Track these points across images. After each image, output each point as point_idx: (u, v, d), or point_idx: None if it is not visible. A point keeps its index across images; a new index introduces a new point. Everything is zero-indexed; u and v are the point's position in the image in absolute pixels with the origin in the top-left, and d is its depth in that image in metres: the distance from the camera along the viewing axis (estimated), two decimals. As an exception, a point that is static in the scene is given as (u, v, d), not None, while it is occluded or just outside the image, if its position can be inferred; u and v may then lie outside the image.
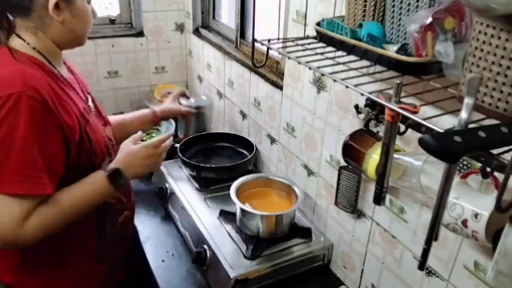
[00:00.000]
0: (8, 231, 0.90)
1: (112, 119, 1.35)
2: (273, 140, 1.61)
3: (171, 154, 1.81)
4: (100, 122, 1.15)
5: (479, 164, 0.76)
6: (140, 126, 1.40)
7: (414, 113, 0.69)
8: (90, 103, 1.15)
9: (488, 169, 0.74)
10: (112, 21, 2.18)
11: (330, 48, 0.94)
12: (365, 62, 0.87)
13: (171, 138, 1.22)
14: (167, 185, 1.59)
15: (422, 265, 0.67)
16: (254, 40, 1.04)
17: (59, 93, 0.98)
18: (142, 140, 1.89)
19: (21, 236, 0.91)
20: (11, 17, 0.98)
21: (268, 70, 1.59)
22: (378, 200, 0.89)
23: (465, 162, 0.87)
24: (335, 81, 0.83)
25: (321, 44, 0.97)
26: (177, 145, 1.68)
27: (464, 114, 0.60)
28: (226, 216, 1.38)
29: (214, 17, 2.15)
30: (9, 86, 0.88)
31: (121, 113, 2.26)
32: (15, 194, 0.90)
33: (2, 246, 0.97)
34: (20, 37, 0.99)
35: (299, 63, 0.92)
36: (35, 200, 0.92)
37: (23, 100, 0.87)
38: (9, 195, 0.89)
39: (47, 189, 0.93)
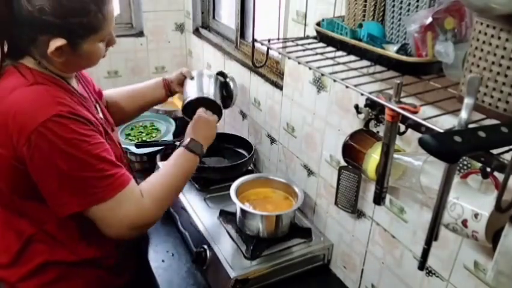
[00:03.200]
0: (143, 212, 0.98)
1: (121, 90, 1.38)
2: (273, 140, 1.61)
3: (171, 154, 1.81)
4: (108, 128, 1.13)
5: (479, 164, 0.76)
6: (152, 98, 1.41)
7: (414, 113, 0.69)
8: (101, 114, 1.13)
9: (488, 169, 0.74)
10: (112, 21, 2.18)
11: (330, 48, 0.94)
12: (365, 62, 0.87)
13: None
14: (167, 185, 1.59)
15: (422, 265, 0.67)
16: (254, 40, 1.04)
17: (80, 107, 0.96)
18: (142, 141, 1.90)
19: (147, 217, 0.99)
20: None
21: (268, 70, 1.59)
22: (378, 200, 0.89)
23: (465, 162, 0.87)
24: (335, 81, 0.83)
25: (321, 44, 0.97)
26: (178, 143, 1.68)
27: (464, 114, 0.60)
28: (226, 216, 1.38)
29: (214, 17, 2.15)
30: (43, 109, 0.87)
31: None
32: (112, 197, 0.93)
33: (135, 232, 1.01)
34: (32, 56, 0.95)
35: (299, 63, 0.92)
36: (136, 185, 0.99)
37: (63, 117, 0.88)
38: (125, 188, 0.94)
39: (127, 179, 0.97)
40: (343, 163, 1.14)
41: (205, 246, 1.29)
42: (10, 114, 0.87)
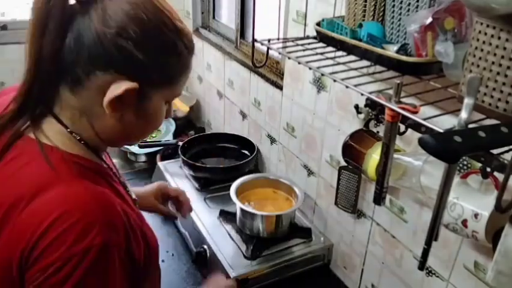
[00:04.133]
0: None
1: None
2: (273, 140, 1.61)
3: (171, 154, 1.82)
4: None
5: (479, 164, 0.76)
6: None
7: (414, 113, 0.69)
8: (132, 192, 0.83)
9: (488, 169, 0.74)
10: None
11: (330, 48, 0.94)
12: (365, 62, 0.87)
13: None
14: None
15: (422, 265, 0.67)
16: (254, 40, 1.04)
17: (125, 208, 0.65)
18: (143, 141, 1.90)
19: None
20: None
21: (268, 70, 1.59)
22: (378, 200, 0.89)
23: (465, 162, 0.87)
24: (335, 81, 0.83)
25: (321, 44, 0.97)
26: (180, 143, 1.68)
27: (464, 114, 0.60)
28: (226, 216, 1.38)
29: (214, 17, 2.15)
30: (85, 232, 0.57)
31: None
32: None
33: None
34: (58, 119, 0.66)
35: (299, 63, 0.92)
36: None
37: (108, 252, 0.59)
38: None
39: None
40: (343, 163, 1.14)
41: (205, 246, 1.29)
42: (51, 214, 0.57)
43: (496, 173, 0.75)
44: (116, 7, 0.61)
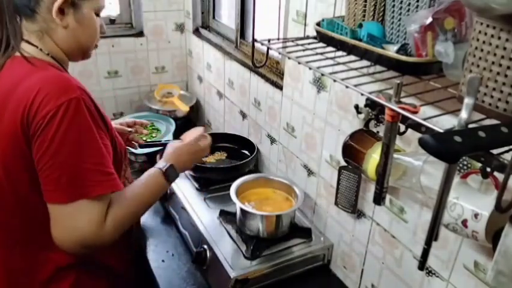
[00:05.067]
0: (90, 236, 0.87)
1: None
2: (273, 140, 1.61)
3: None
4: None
5: (479, 164, 0.75)
6: None
7: (414, 113, 0.69)
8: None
9: (488, 169, 0.74)
10: (112, 21, 2.18)
11: (330, 48, 0.94)
12: (365, 62, 0.87)
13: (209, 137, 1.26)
14: (167, 185, 1.59)
15: (422, 265, 0.67)
16: (254, 40, 1.04)
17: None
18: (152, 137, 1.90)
19: (101, 239, 0.89)
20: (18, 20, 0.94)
21: (268, 70, 1.59)
22: (378, 200, 0.89)
23: (465, 162, 0.87)
24: (335, 81, 0.83)
25: (321, 44, 0.97)
26: None
27: (464, 114, 0.60)
28: (226, 216, 1.38)
29: (214, 17, 2.15)
30: (64, 90, 0.86)
31: (121, 114, 2.27)
32: (97, 195, 0.87)
33: (83, 250, 0.90)
34: (29, 42, 0.95)
35: (299, 63, 0.92)
36: (108, 199, 0.91)
37: (82, 103, 0.86)
38: (89, 199, 0.87)
39: (119, 184, 0.93)
40: (343, 163, 1.14)
41: (205, 246, 1.29)
42: (32, 92, 0.85)
43: (496, 173, 0.75)
44: None
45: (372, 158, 0.98)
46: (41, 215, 0.90)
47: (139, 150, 1.80)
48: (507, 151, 0.65)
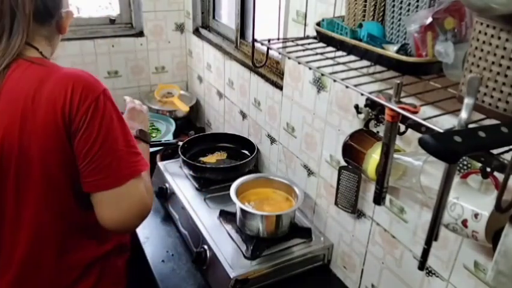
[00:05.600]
0: (146, 207, 0.96)
1: None
2: (273, 140, 1.61)
3: (171, 154, 1.82)
4: None
5: (479, 164, 0.76)
6: None
7: (414, 113, 0.69)
8: None
9: (488, 169, 0.74)
10: (112, 21, 2.18)
11: (330, 48, 0.94)
12: (365, 62, 0.87)
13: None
14: (167, 185, 1.59)
15: (422, 265, 0.67)
16: (254, 40, 1.04)
17: None
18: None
19: (150, 207, 0.98)
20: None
21: (268, 70, 1.59)
22: (378, 200, 0.89)
23: (465, 162, 0.87)
24: (335, 81, 0.83)
25: (321, 44, 0.97)
26: (180, 143, 1.68)
27: (464, 114, 0.60)
28: (226, 216, 1.38)
29: (214, 17, 2.15)
30: (95, 84, 0.90)
31: (121, 113, 2.27)
32: (141, 172, 0.95)
33: (138, 223, 0.98)
34: (32, 46, 0.94)
35: (299, 63, 0.92)
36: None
37: (108, 95, 0.91)
38: (136, 177, 0.94)
39: (148, 163, 1.01)
40: (343, 163, 1.14)
41: (205, 246, 1.29)
42: (66, 89, 0.87)
43: (496, 173, 0.75)
44: None
45: (372, 158, 0.98)
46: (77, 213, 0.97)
47: (139, 150, 1.80)
48: (507, 151, 0.65)
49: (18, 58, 0.92)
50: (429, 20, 0.73)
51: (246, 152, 1.72)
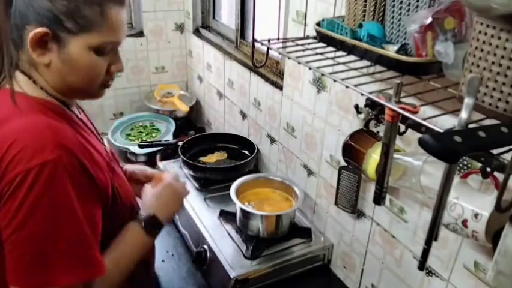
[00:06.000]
0: None
1: None
2: (273, 140, 1.61)
3: (171, 154, 1.82)
4: (117, 166, 0.93)
5: (479, 164, 0.76)
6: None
7: (414, 113, 0.69)
8: (106, 143, 0.95)
9: (488, 169, 0.74)
10: (112, 21, 2.18)
11: (330, 48, 0.94)
12: (365, 62, 0.87)
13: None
14: (167, 185, 1.59)
15: (422, 265, 0.67)
16: (254, 40, 1.04)
17: (86, 145, 0.78)
18: (143, 141, 1.90)
19: None
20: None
21: (268, 70, 1.59)
22: (378, 200, 0.89)
23: (465, 162, 0.87)
24: (335, 81, 0.83)
25: (321, 44, 0.97)
26: (180, 143, 1.68)
27: (464, 114, 0.60)
28: (226, 216, 1.38)
29: (214, 17, 2.15)
30: (39, 150, 0.69)
31: (121, 113, 2.27)
32: (66, 284, 0.71)
33: None
34: (23, 72, 0.79)
35: (299, 63, 0.92)
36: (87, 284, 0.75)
37: (60, 168, 0.70)
38: (61, 286, 0.71)
39: (102, 268, 0.76)
40: (343, 163, 1.14)
41: (205, 246, 1.29)
42: (4, 144, 0.70)
43: (496, 173, 0.75)
44: None
45: (372, 158, 0.98)
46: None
47: (142, 150, 1.81)
48: (507, 151, 0.65)
49: (5, 86, 0.78)
50: (429, 20, 0.73)
51: (246, 152, 1.72)
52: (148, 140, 1.94)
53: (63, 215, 0.71)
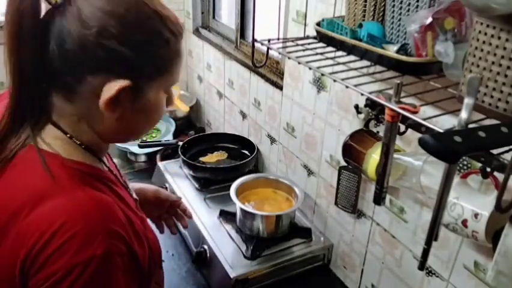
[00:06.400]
0: None
1: None
2: (273, 140, 1.61)
3: (171, 154, 1.82)
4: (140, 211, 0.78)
5: (479, 164, 0.76)
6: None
7: (414, 113, 0.69)
8: (133, 193, 0.81)
9: (488, 169, 0.74)
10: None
11: (330, 48, 0.94)
12: (365, 62, 0.87)
13: None
14: (167, 185, 1.59)
15: (422, 265, 0.67)
16: (254, 40, 1.04)
17: (128, 213, 0.66)
18: (143, 141, 1.89)
19: None
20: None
21: (268, 70, 1.59)
22: (378, 200, 0.89)
23: (465, 162, 0.87)
24: (335, 81, 0.83)
25: (321, 44, 0.97)
26: (180, 143, 1.68)
27: (464, 114, 0.60)
28: (226, 216, 1.38)
29: (214, 17, 2.15)
30: (88, 242, 0.57)
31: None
32: None
33: None
34: (58, 126, 0.65)
35: (299, 63, 0.92)
36: None
37: (110, 261, 0.58)
38: None
39: None
40: (343, 163, 1.14)
41: (205, 246, 1.29)
42: (46, 229, 0.57)
43: (496, 173, 0.75)
44: (91, 5, 0.58)
45: (372, 158, 0.98)
46: None
47: (139, 150, 1.81)
48: (507, 151, 0.65)
49: (31, 143, 0.63)
50: (429, 20, 0.73)
51: (246, 152, 1.72)
52: (148, 140, 1.94)
53: None
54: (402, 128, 0.92)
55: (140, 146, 1.75)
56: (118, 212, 0.63)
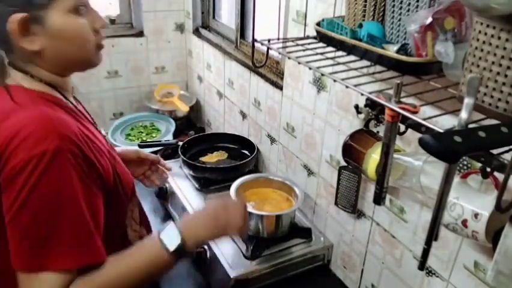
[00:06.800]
0: None
1: None
2: (273, 140, 1.61)
3: (171, 154, 1.82)
4: (116, 155, 0.93)
5: (479, 164, 0.76)
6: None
7: (414, 113, 0.69)
8: (104, 133, 0.96)
9: (488, 169, 0.74)
10: (112, 21, 2.18)
11: (330, 48, 0.94)
12: (365, 62, 0.87)
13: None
14: (167, 185, 1.59)
15: (422, 265, 0.67)
16: (254, 40, 1.04)
17: (86, 133, 0.80)
18: (143, 141, 1.89)
19: None
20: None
21: (268, 70, 1.59)
22: (378, 200, 0.89)
23: (465, 162, 0.87)
24: (335, 81, 0.83)
25: (321, 44, 0.97)
26: (180, 143, 1.68)
27: (464, 114, 0.60)
28: (226, 216, 1.38)
29: (214, 17, 2.15)
30: (41, 139, 0.70)
31: (121, 114, 2.27)
32: (62, 269, 0.72)
33: None
34: (21, 70, 0.81)
35: (299, 63, 0.92)
36: (75, 275, 0.74)
37: (61, 156, 0.71)
38: (52, 272, 0.71)
39: (101, 255, 0.77)
40: (343, 163, 1.14)
41: (205, 246, 1.29)
42: (8, 136, 0.72)
43: (496, 173, 0.75)
44: None
45: (372, 158, 0.98)
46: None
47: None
48: (507, 151, 0.65)
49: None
50: (429, 20, 0.73)
51: (246, 152, 1.72)
52: (148, 140, 1.95)
53: (64, 201, 0.72)
54: (402, 128, 0.92)
55: (140, 146, 1.75)
56: (72, 125, 0.76)
